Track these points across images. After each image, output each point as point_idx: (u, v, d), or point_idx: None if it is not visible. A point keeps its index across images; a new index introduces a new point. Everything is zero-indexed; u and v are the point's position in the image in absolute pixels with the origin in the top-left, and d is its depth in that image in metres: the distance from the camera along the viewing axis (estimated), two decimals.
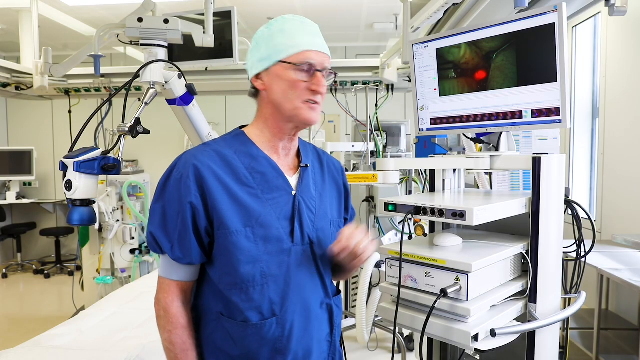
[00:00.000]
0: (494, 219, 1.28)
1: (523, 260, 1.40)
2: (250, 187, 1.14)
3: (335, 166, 1.36)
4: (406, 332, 2.73)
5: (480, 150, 1.61)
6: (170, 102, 1.99)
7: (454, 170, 1.64)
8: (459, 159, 1.53)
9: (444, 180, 1.63)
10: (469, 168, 1.51)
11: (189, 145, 5.73)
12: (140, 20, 1.83)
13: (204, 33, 2.00)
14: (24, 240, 6.76)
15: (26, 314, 4.86)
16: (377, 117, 3.09)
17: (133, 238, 4.24)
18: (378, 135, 3.01)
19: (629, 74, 3.58)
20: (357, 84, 3.44)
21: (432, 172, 1.65)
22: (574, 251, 1.48)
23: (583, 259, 1.47)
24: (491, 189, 2.02)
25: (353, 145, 3.16)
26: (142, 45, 1.87)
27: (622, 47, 3.68)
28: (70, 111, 3.65)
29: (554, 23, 1.26)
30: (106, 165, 1.57)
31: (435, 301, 1.20)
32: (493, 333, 1.20)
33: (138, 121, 1.67)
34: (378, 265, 2.06)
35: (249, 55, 1.21)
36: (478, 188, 2.08)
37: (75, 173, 1.52)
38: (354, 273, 1.34)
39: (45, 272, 6.17)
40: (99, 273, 4.27)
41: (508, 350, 1.38)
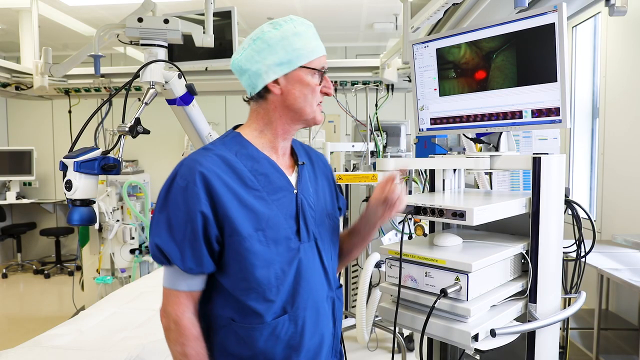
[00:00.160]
0: (494, 219, 1.28)
1: (523, 260, 1.40)
2: (256, 190, 1.13)
3: (322, 159, 1.38)
4: (406, 332, 2.73)
5: (480, 150, 1.61)
6: (170, 102, 1.99)
7: (454, 170, 1.64)
8: (459, 159, 1.53)
9: (444, 180, 1.63)
10: (469, 168, 1.51)
11: (189, 145, 5.73)
12: (140, 20, 1.83)
13: (204, 33, 2.00)
14: (24, 240, 6.76)
15: (26, 314, 4.86)
16: (377, 117, 3.09)
17: (133, 238, 4.24)
18: (378, 135, 3.01)
19: (629, 74, 3.58)
20: (357, 84, 3.44)
21: (432, 172, 1.65)
22: (574, 251, 1.48)
23: (583, 259, 1.47)
24: (491, 189, 2.02)
25: (353, 145, 3.15)
26: (142, 45, 1.87)
27: (622, 47, 3.68)
28: (70, 111, 3.66)
29: (554, 23, 1.26)
30: (106, 165, 1.57)
31: (435, 301, 1.21)
32: (493, 333, 1.20)
33: (138, 121, 1.67)
34: (378, 265, 2.07)
35: (257, 58, 1.15)
36: (478, 188, 2.08)
37: (75, 173, 1.52)
38: (371, 238, 1.35)
39: (45, 272, 6.17)
40: (99, 273, 4.26)
41: (508, 350, 1.38)
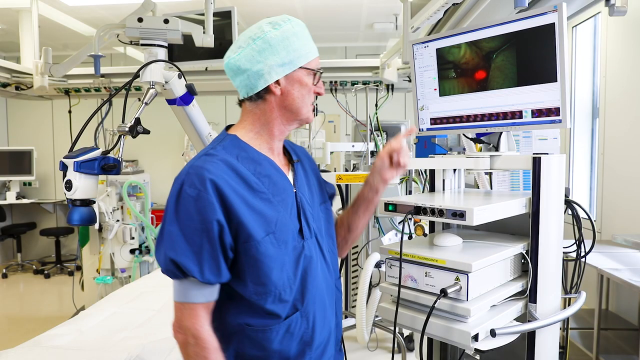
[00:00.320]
0: (494, 219, 1.28)
1: (523, 260, 1.40)
2: (262, 192, 1.13)
3: (305, 154, 1.39)
4: (406, 332, 2.73)
5: (480, 150, 1.61)
6: (170, 102, 1.99)
7: (454, 170, 1.64)
8: (459, 159, 1.53)
9: (444, 180, 1.63)
10: (469, 168, 1.51)
11: (189, 145, 5.72)
12: (140, 20, 1.83)
13: (204, 33, 2.00)
14: (24, 240, 6.76)
15: (26, 314, 4.86)
16: (377, 117, 3.09)
17: (133, 238, 4.24)
18: (378, 135, 3.01)
19: (629, 74, 3.58)
20: (357, 84, 3.44)
21: (432, 172, 1.65)
22: (574, 251, 1.48)
23: (583, 259, 1.47)
24: (491, 189, 2.02)
25: (353, 145, 3.15)
26: (142, 45, 1.87)
27: (622, 47, 3.68)
28: (70, 111, 3.65)
29: (554, 23, 1.26)
30: (106, 165, 1.57)
31: (435, 301, 1.21)
32: (493, 333, 1.20)
33: (138, 121, 1.67)
34: (378, 265, 2.06)
35: (259, 58, 1.13)
36: (478, 188, 2.08)
37: (75, 173, 1.52)
38: (375, 204, 1.37)
39: (45, 272, 6.17)
40: (99, 273, 4.26)
41: (508, 350, 1.38)
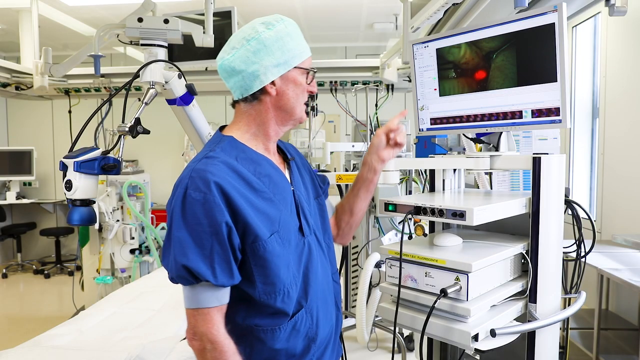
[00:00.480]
0: (494, 219, 1.28)
1: (523, 260, 1.40)
2: (263, 192, 1.14)
3: (296, 151, 1.40)
4: (406, 332, 2.73)
5: (480, 150, 1.61)
6: (170, 102, 1.99)
7: (454, 170, 1.64)
8: (459, 159, 1.53)
9: (444, 180, 1.63)
10: (469, 168, 1.51)
11: (189, 145, 5.72)
12: (140, 20, 1.83)
13: (204, 33, 2.00)
14: (24, 240, 6.76)
15: (26, 314, 4.86)
16: (377, 117, 3.09)
17: (133, 238, 4.23)
18: None
19: (629, 74, 3.58)
20: (357, 84, 3.44)
21: (432, 172, 1.65)
22: (574, 251, 1.48)
23: (583, 259, 1.47)
24: (491, 189, 2.02)
25: (353, 145, 3.15)
26: (142, 45, 1.87)
27: (622, 47, 3.68)
28: (70, 111, 3.65)
29: (554, 23, 1.26)
30: (106, 165, 1.57)
31: (435, 301, 1.21)
32: (493, 333, 1.20)
33: (138, 121, 1.67)
34: (378, 265, 2.06)
35: (254, 59, 1.13)
36: (478, 188, 2.08)
37: (75, 173, 1.52)
38: (374, 184, 1.41)
39: (45, 272, 6.17)
40: (99, 273, 4.26)
41: (508, 350, 1.38)
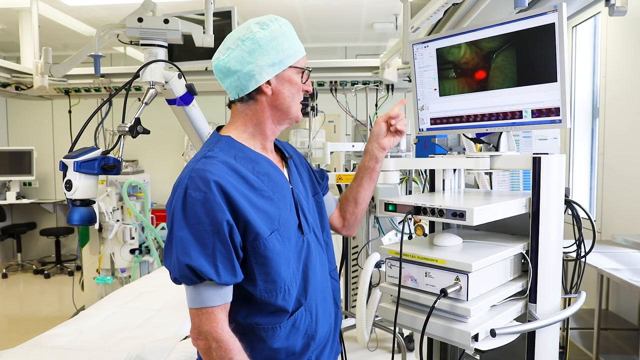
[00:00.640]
0: (494, 219, 1.28)
1: (523, 260, 1.40)
2: (263, 191, 1.14)
3: (294, 149, 1.40)
4: (406, 332, 2.73)
5: (480, 150, 1.61)
6: (170, 102, 1.99)
7: (454, 170, 1.64)
8: (459, 159, 1.53)
9: (444, 180, 1.63)
10: (469, 168, 1.51)
11: (189, 145, 5.72)
12: (140, 20, 1.83)
13: (204, 33, 2.00)
14: (24, 240, 6.76)
15: (26, 314, 4.86)
16: (377, 117, 3.09)
17: (133, 238, 4.23)
18: None
19: (629, 74, 3.58)
20: (357, 84, 3.44)
21: (432, 172, 1.65)
22: (574, 251, 1.48)
23: (583, 259, 1.47)
24: (491, 189, 2.01)
25: (353, 145, 3.15)
26: (142, 45, 1.87)
27: (622, 47, 3.68)
28: (70, 111, 3.66)
29: (554, 23, 1.26)
30: (106, 165, 1.57)
31: (435, 301, 1.20)
32: (493, 333, 1.20)
33: (138, 121, 1.67)
34: (378, 265, 2.06)
35: (249, 59, 1.13)
36: (478, 188, 2.08)
37: (75, 173, 1.52)
38: (377, 171, 1.43)
39: (45, 272, 6.17)
40: (99, 273, 4.26)
41: (508, 350, 1.38)
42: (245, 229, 1.08)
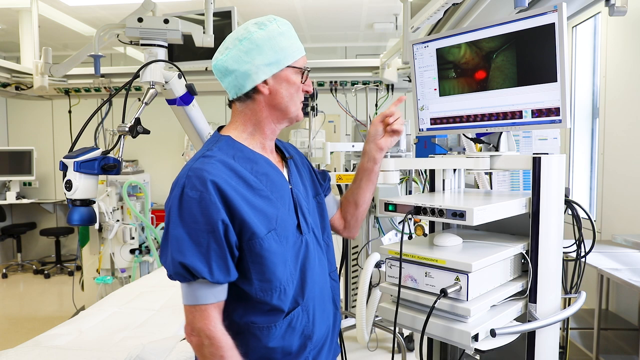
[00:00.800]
0: (494, 219, 1.28)
1: (523, 260, 1.40)
2: (260, 190, 1.15)
3: (296, 150, 1.41)
4: (406, 332, 2.74)
5: (480, 150, 1.61)
6: (170, 102, 1.99)
7: (454, 170, 1.64)
8: (459, 159, 1.53)
9: (444, 180, 1.63)
10: (469, 168, 1.51)
11: (189, 145, 5.72)
12: (140, 20, 1.83)
13: (204, 33, 2.00)
14: (24, 240, 6.76)
15: (26, 314, 4.86)
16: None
17: (133, 238, 4.23)
18: None
19: (629, 74, 3.58)
20: (357, 84, 3.45)
21: (432, 172, 1.65)
22: (574, 251, 1.48)
23: (583, 259, 1.47)
24: (491, 189, 2.02)
25: (353, 145, 3.15)
26: (142, 45, 1.87)
27: (622, 47, 3.68)
28: (70, 111, 3.66)
29: (554, 23, 1.26)
30: (106, 165, 1.57)
31: (435, 301, 1.21)
32: (493, 333, 1.20)
33: (138, 121, 1.67)
34: (378, 265, 2.06)
35: (246, 58, 1.14)
36: (478, 188, 2.08)
37: (75, 173, 1.52)
38: (376, 175, 1.41)
39: (45, 272, 6.17)
40: (99, 273, 4.26)
41: (508, 350, 1.38)
42: (241, 228, 1.08)
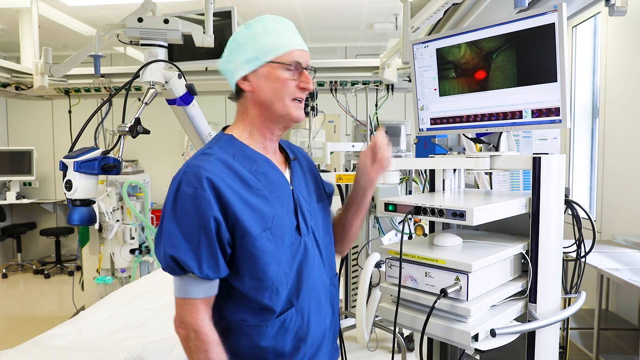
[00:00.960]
0: (494, 219, 1.28)
1: (523, 260, 1.40)
2: (258, 189, 1.15)
3: (303, 153, 1.40)
4: (406, 332, 2.74)
5: (480, 150, 1.61)
6: (170, 102, 1.99)
7: (454, 170, 1.64)
8: (459, 159, 1.53)
9: (444, 180, 1.63)
10: (469, 168, 1.51)
11: (189, 145, 5.72)
12: (140, 20, 1.83)
13: (204, 33, 2.00)
14: (24, 240, 6.76)
15: (26, 314, 4.86)
16: (377, 117, 3.10)
17: (133, 238, 4.24)
18: None
19: (629, 74, 3.58)
20: (357, 84, 3.44)
21: (432, 172, 1.65)
22: (574, 251, 1.48)
23: (583, 259, 1.47)
24: (491, 189, 2.02)
25: (353, 145, 3.15)
26: (142, 45, 1.87)
27: (622, 47, 3.68)
28: (70, 111, 3.66)
29: (554, 23, 1.26)
30: (106, 165, 1.57)
31: (435, 301, 1.21)
32: (493, 333, 1.20)
33: (138, 121, 1.67)
34: (378, 265, 2.06)
35: (229, 58, 1.20)
36: (478, 188, 2.08)
37: (75, 173, 1.52)
38: (366, 207, 1.40)
39: (45, 272, 6.17)
40: (99, 273, 4.26)
41: (508, 350, 1.38)
42: (234, 226, 1.09)
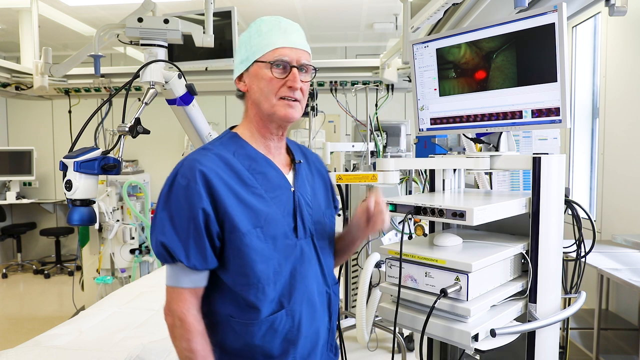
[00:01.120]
0: (494, 219, 1.28)
1: (523, 260, 1.40)
2: (254, 188, 1.16)
3: (318, 159, 1.41)
4: (406, 332, 2.73)
5: (480, 150, 1.61)
6: (170, 102, 1.99)
7: (454, 170, 1.64)
8: (459, 159, 1.53)
9: (444, 180, 1.63)
10: (469, 168, 1.51)
11: (189, 145, 5.72)
12: (140, 20, 1.83)
13: (204, 33, 2.00)
14: (24, 240, 6.76)
15: (26, 314, 4.86)
16: (377, 117, 3.09)
17: (133, 238, 4.24)
18: (378, 135, 3.01)
19: (629, 74, 3.58)
20: (357, 84, 3.45)
21: (432, 172, 1.65)
22: (574, 251, 1.48)
23: (583, 259, 1.47)
24: (491, 189, 2.02)
25: (353, 145, 3.15)
26: (142, 45, 1.87)
27: (622, 47, 3.68)
28: (70, 111, 3.66)
29: (554, 23, 1.26)
30: (106, 165, 1.57)
31: (435, 301, 1.21)
32: (493, 333, 1.20)
33: (138, 121, 1.67)
34: (378, 265, 2.06)
35: (234, 59, 1.26)
36: (478, 188, 2.08)
37: (75, 173, 1.53)
38: (357, 248, 1.39)
39: (45, 272, 6.17)
40: (99, 273, 4.26)
41: (508, 350, 1.38)
42: (224, 220, 1.11)
